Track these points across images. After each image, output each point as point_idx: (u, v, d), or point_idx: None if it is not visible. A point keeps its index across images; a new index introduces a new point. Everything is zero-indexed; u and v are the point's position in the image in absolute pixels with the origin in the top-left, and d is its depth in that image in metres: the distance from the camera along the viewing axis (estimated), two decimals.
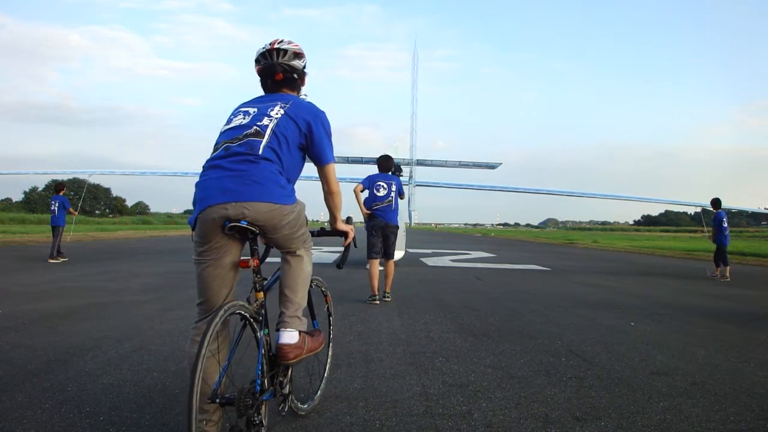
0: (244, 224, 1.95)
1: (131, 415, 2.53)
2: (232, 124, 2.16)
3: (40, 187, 65.66)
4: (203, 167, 2.08)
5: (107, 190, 78.06)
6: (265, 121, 2.13)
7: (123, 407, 2.62)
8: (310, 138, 2.19)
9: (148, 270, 9.68)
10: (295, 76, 2.34)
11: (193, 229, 2.04)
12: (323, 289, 2.76)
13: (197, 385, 1.69)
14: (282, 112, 2.16)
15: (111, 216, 71.42)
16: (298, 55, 2.34)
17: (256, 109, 2.19)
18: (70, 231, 17.95)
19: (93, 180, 52.19)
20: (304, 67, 2.40)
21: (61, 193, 12.04)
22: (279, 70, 2.30)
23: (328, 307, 2.89)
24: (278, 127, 2.11)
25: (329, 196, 2.34)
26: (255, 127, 2.10)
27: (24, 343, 3.86)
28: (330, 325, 2.98)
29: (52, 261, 10.88)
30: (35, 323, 4.61)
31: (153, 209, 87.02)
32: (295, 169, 2.20)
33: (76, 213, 14.04)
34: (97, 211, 75.27)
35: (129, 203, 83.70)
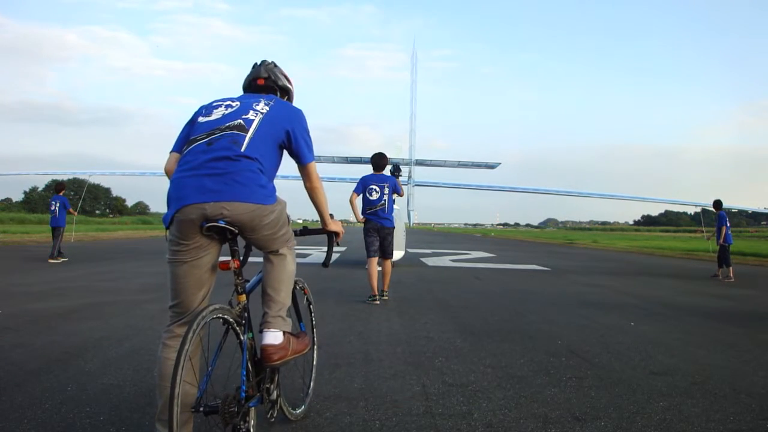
0: (222, 224, 1.88)
1: (131, 415, 2.52)
2: (212, 117, 2.09)
3: (40, 187, 65.81)
4: (179, 162, 2.00)
5: (107, 190, 78.19)
6: (251, 114, 2.07)
7: (123, 407, 2.61)
8: (293, 137, 2.15)
9: (148, 270, 9.67)
10: (276, 87, 2.36)
11: (167, 228, 1.96)
12: (300, 285, 2.62)
13: (177, 396, 1.61)
14: (267, 108, 2.12)
15: (111, 216, 71.46)
16: (286, 77, 2.39)
17: (239, 103, 2.14)
18: (71, 231, 18.00)
19: (93, 180, 52.13)
20: (287, 91, 2.41)
21: (61, 193, 12.03)
22: (263, 75, 2.33)
23: (307, 298, 2.74)
24: (264, 123, 2.06)
25: (313, 192, 2.29)
26: (239, 120, 2.04)
27: (24, 343, 3.86)
28: (311, 313, 2.82)
29: (52, 261, 10.87)
30: (35, 323, 4.61)
31: (153, 209, 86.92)
32: (274, 167, 2.15)
33: (76, 213, 14.04)
34: (97, 211, 75.30)
35: (129, 203, 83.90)
